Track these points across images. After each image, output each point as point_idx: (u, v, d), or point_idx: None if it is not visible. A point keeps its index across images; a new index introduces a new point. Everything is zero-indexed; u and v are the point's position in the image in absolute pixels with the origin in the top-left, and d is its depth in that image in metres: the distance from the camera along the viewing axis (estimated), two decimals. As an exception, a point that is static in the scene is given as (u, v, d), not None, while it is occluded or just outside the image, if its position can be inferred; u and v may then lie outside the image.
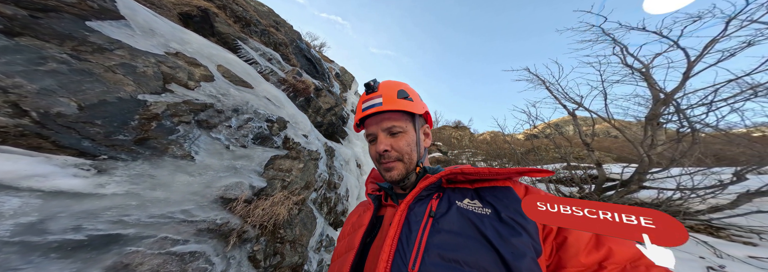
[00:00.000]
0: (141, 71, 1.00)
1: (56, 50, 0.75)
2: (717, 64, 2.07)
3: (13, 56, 0.65)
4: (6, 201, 0.51)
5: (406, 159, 0.39)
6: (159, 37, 1.26)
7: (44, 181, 0.58)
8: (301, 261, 1.35)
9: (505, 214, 0.30)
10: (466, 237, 0.28)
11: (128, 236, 0.65)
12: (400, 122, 0.41)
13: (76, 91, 0.75)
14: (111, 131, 0.79)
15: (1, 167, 0.54)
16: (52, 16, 0.80)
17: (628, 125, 3.25)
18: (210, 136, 1.18)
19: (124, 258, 0.62)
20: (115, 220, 0.64)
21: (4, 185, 0.53)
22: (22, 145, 0.61)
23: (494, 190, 0.34)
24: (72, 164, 0.66)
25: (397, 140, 0.40)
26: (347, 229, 0.43)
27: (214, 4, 2.56)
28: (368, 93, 0.42)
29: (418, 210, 0.33)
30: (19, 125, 0.61)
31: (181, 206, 0.82)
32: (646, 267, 0.24)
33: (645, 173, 2.23)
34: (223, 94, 1.40)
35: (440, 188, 0.36)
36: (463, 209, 0.32)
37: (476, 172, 0.34)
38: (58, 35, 0.79)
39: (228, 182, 1.07)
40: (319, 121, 3.05)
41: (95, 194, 0.65)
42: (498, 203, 0.31)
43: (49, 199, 0.57)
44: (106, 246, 0.60)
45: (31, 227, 0.51)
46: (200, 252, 0.79)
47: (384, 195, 0.43)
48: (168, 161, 0.91)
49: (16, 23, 0.70)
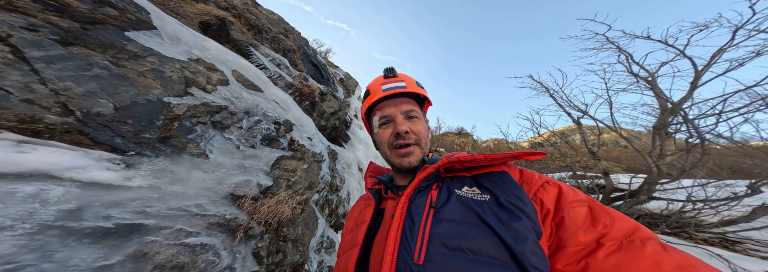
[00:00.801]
0: (167, 75, 1.10)
1: (100, 57, 0.86)
2: (725, 74, 2.01)
3: (66, 63, 0.75)
4: (52, 189, 0.58)
5: (422, 144, 0.40)
6: (183, 45, 1.38)
7: (83, 173, 0.65)
8: (302, 260, 1.37)
9: (504, 199, 0.30)
10: (467, 224, 0.28)
11: (149, 226, 0.70)
12: (417, 109, 0.42)
13: (113, 93, 0.84)
14: (139, 129, 0.87)
15: (48, 159, 0.61)
16: (98, 27, 0.91)
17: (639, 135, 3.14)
18: (223, 136, 1.26)
19: (144, 246, 0.67)
20: (139, 211, 0.70)
21: (51, 176, 0.60)
22: (66, 140, 0.69)
23: (491, 175, 0.34)
24: (105, 159, 0.73)
25: (414, 124, 0.40)
26: (350, 225, 0.44)
27: (231, 14, 2.75)
28: (388, 77, 0.43)
29: (418, 202, 0.33)
30: (65, 123, 0.69)
31: (195, 200, 0.88)
32: (641, 241, 0.24)
33: (654, 183, 2.17)
34: (237, 97, 1.50)
35: (439, 178, 0.36)
36: (463, 197, 0.32)
37: (472, 159, 0.34)
38: (102, 44, 0.89)
39: (238, 179, 1.13)
40: (323, 125, 3.13)
41: (123, 186, 0.72)
42: (495, 188, 0.32)
43: (86, 189, 0.64)
44: (129, 234, 0.66)
45: (70, 213, 0.58)
46: (210, 245, 0.83)
47: (384, 188, 0.43)
48: (186, 159, 0.98)
49: (70, 34, 0.80)
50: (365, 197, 0.47)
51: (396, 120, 0.40)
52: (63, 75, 0.72)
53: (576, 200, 0.29)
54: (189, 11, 2.09)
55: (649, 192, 2.21)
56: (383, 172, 0.51)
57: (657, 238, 0.25)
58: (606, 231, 0.26)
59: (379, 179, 0.45)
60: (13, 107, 0.61)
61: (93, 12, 0.90)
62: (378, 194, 0.42)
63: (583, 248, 0.25)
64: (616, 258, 0.23)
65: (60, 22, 0.79)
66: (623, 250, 0.24)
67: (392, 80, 0.42)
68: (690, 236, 1.94)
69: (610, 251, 0.24)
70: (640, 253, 0.23)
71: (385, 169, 0.52)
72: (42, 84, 0.67)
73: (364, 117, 0.48)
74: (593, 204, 0.29)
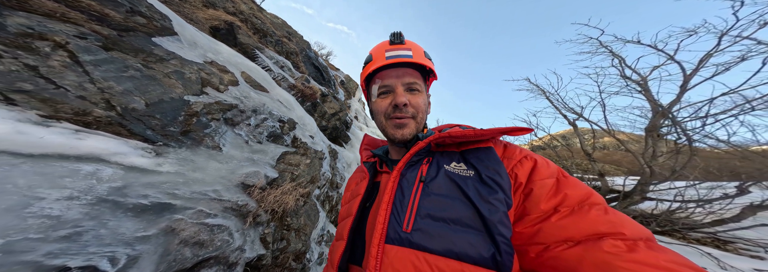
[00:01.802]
0: (187, 76, 1.23)
1: (133, 61, 0.98)
2: (712, 78, 2.11)
3: (109, 65, 0.87)
4: (103, 170, 0.69)
5: (418, 119, 0.39)
6: (199, 49, 1.51)
7: (124, 158, 0.77)
8: (304, 248, 1.47)
9: (485, 175, 0.32)
10: (452, 198, 0.31)
11: (176, 206, 0.82)
12: (420, 81, 0.40)
13: (144, 92, 0.96)
14: (165, 123, 0.99)
15: (100, 145, 0.73)
16: (130, 34, 1.04)
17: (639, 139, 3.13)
18: (234, 132, 1.38)
19: (173, 223, 0.78)
20: (169, 192, 0.82)
21: (102, 159, 0.71)
22: (110, 131, 0.81)
23: (478, 151, 0.35)
24: (140, 148, 0.85)
25: (415, 97, 0.38)
26: (347, 196, 0.46)
27: (238, 18, 2.90)
28: (394, 43, 0.39)
29: (409, 176, 0.35)
30: (109, 116, 0.81)
31: (212, 186, 1.00)
32: (589, 206, 0.26)
33: (647, 184, 2.22)
34: (245, 96, 1.62)
35: (430, 153, 0.37)
36: (450, 172, 0.34)
37: (462, 134, 0.35)
38: (134, 49, 1.02)
39: (247, 170, 1.25)
40: (324, 125, 3.25)
41: (156, 171, 0.83)
42: (480, 164, 0.33)
43: (128, 172, 0.75)
44: (161, 212, 0.77)
45: (118, 190, 0.69)
46: (225, 226, 0.94)
47: (379, 162, 0.44)
48: (203, 150, 1.10)
49: (109, 41, 0.93)
50: (361, 169, 0.47)
51: (396, 91, 0.39)
52: (107, 76, 0.85)
53: (547, 174, 0.31)
54: (201, 17, 2.23)
55: (643, 193, 2.26)
56: (378, 145, 0.51)
57: (604, 203, 0.27)
58: (564, 198, 0.28)
59: (374, 152, 0.46)
60: (71, 102, 0.73)
61: (126, 21, 1.03)
62: (373, 167, 0.43)
63: (542, 214, 0.28)
64: (565, 221, 0.26)
65: (101, 30, 0.92)
66: (573, 214, 0.26)
67: (398, 47, 0.39)
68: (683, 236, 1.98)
69: (563, 215, 0.26)
70: (585, 216, 0.25)
71: (380, 141, 0.52)
72: (92, 83, 0.79)
73: (362, 84, 0.45)
74: (560, 176, 0.31)
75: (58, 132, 0.66)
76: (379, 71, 0.41)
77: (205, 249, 0.81)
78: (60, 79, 0.72)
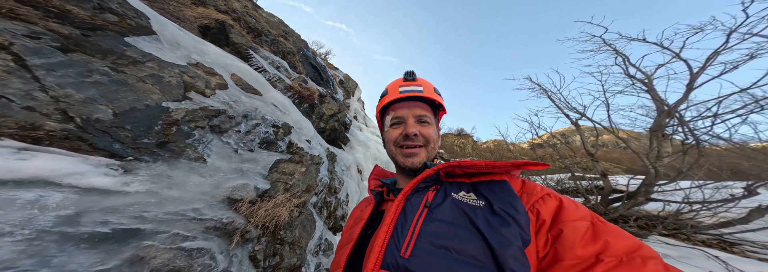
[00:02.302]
0: (166, 80, 1.11)
1: (100, 64, 0.87)
2: (720, 77, 2.03)
3: (66, 70, 0.76)
4: (50, 196, 0.59)
5: (429, 148, 0.41)
6: (183, 50, 1.39)
7: (81, 179, 0.66)
8: (299, 263, 1.38)
9: (498, 206, 0.30)
10: (457, 226, 0.29)
11: (145, 231, 0.71)
12: (430, 114, 0.43)
13: (112, 99, 0.85)
14: (138, 135, 0.88)
15: (48, 165, 0.62)
16: (98, 33, 0.93)
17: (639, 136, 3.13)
18: (221, 140, 1.27)
19: (141, 251, 0.68)
20: (136, 216, 0.71)
21: (50, 182, 0.61)
22: (66, 146, 0.70)
23: (490, 183, 0.34)
24: (104, 164, 0.74)
25: (425, 128, 0.41)
26: (350, 223, 0.46)
27: (231, 17, 2.77)
28: (407, 80, 0.44)
29: (414, 201, 0.34)
30: (65, 130, 0.71)
31: (192, 204, 0.89)
32: (642, 259, 0.24)
33: (652, 185, 2.16)
34: (235, 101, 1.51)
35: (438, 182, 0.37)
36: (458, 200, 0.33)
37: (473, 165, 0.34)
38: (102, 51, 0.91)
39: (235, 183, 1.14)
40: (322, 127, 3.15)
41: (121, 191, 0.73)
42: (492, 195, 0.32)
43: (84, 195, 0.65)
44: (126, 239, 0.67)
45: (68, 219, 0.59)
46: (206, 249, 0.84)
47: (386, 191, 0.44)
48: (183, 163, 0.99)
49: (70, 41, 0.82)
50: (367, 198, 0.48)
51: (407, 122, 0.42)
52: (63, 82, 0.74)
53: (579, 216, 0.29)
54: (189, 15, 2.11)
55: (647, 194, 2.21)
56: (387, 175, 0.52)
57: (659, 258, 0.25)
58: (606, 246, 0.26)
59: (382, 181, 0.46)
60: (15, 115, 0.62)
61: (93, 18, 0.91)
62: (380, 195, 0.43)
63: (580, 262, 0.25)
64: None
65: (61, 29, 0.80)
66: (622, 267, 0.23)
67: (411, 83, 0.44)
68: (688, 238, 1.94)
69: (608, 267, 0.24)
70: (640, 271, 0.23)
71: (390, 173, 0.53)
72: (43, 91, 0.68)
73: (378, 116, 0.49)
74: (596, 220, 0.29)
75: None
76: (392, 104, 0.45)
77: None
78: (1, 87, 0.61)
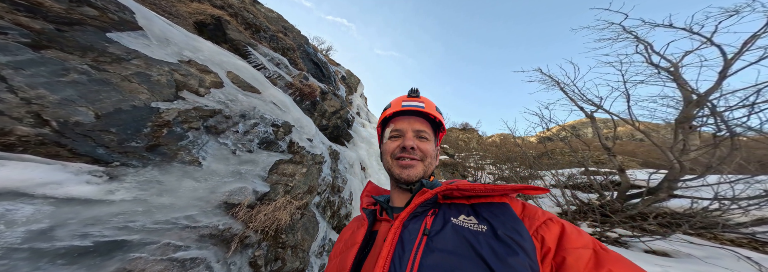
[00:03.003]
0: (155, 79, 1.04)
1: (78, 62, 0.80)
2: (758, 62, 1.86)
3: (38, 69, 0.70)
4: (20, 209, 0.54)
5: (426, 163, 0.41)
6: (173, 46, 1.32)
7: (58, 188, 0.61)
8: (302, 266, 1.34)
9: (502, 232, 0.30)
10: (460, 256, 0.28)
11: (132, 242, 0.66)
12: (429, 132, 0.44)
13: (94, 100, 0.79)
14: (124, 138, 0.82)
15: (18, 175, 0.57)
16: (76, 29, 0.85)
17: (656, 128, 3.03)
18: (217, 141, 1.21)
19: (128, 264, 0.63)
20: (121, 226, 0.66)
21: (20, 193, 0.55)
22: (41, 153, 0.65)
23: (491, 206, 0.34)
24: (86, 172, 0.69)
25: (423, 143, 0.42)
26: (340, 247, 0.42)
27: (227, 13, 2.68)
28: (411, 96, 0.46)
29: (412, 228, 0.33)
30: (40, 135, 0.65)
31: (185, 211, 0.84)
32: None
33: (676, 180, 2.02)
34: (232, 100, 1.44)
35: (436, 204, 0.36)
36: (458, 226, 0.32)
37: (472, 188, 0.34)
38: (81, 47, 0.84)
39: (232, 187, 1.08)
40: (325, 124, 3.08)
41: (105, 200, 0.67)
42: (494, 219, 0.32)
43: (61, 206, 0.59)
44: (110, 252, 0.62)
45: (41, 234, 0.53)
46: (201, 258, 0.79)
47: (379, 209, 0.43)
48: (176, 167, 0.94)
49: (43, 37, 0.75)
50: (359, 218, 0.46)
51: (406, 135, 0.42)
52: (35, 82, 0.67)
53: (581, 243, 0.29)
54: (183, 11, 2.03)
55: (670, 190, 2.05)
56: (381, 192, 0.51)
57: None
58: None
59: (375, 199, 0.44)
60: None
61: (70, 12, 0.84)
62: (372, 214, 0.42)
63: None
64: None
65: (31, 23, 0.73)
66: None
67: (413, 100, 0.45)
68: (715, 236, 1.84)
69: None
70: None
71: (383, 190, 0.52)
72: (11, 93, 0.62)
73: (378, 127, 0.50)
74: (598, 248, 0.29)
75: None
76: (393, 117, 0.46)
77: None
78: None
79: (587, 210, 2.46)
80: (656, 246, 1.76)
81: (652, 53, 2.47)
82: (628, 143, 7.51)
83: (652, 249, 1.76)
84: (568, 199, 2.65)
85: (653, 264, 1.45)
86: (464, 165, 6.21)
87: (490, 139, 13.02)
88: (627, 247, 1.86)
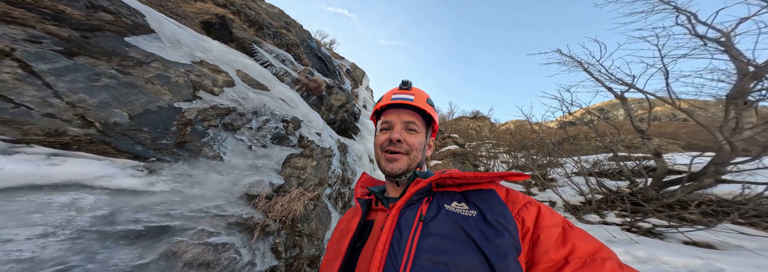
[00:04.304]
0: (174, 80, 1.11)
1: (106, 67, 0.87)
2: None
3: (74, 75, 0.77)
4: (84, 198, 0.63)
5: (412, 156, 0.42)
6: (185, 47, 1.37)
7: (110, 180, 0.70)
8: (317, 253, 1.47)
9: (490, 216, 0.32)
10: (453, 240, 0.30)
11: (175, 227, 0.76)
12: (419, 123, 0.44)
13: (125, 102, 0.86)
14: (156, 136, 0.90)
15: (78, 170, 0.66)
16: (97, 34, 0.91)
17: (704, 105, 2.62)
18: (235, 138, 1.29)
19: (173, 246, 0.73)
20: (164, 214, 0.76)
21: (82, 185, 0.65)
22: (92, 151, 0.74)
23: (479, 193, 0.37)
24: (130, 166, 0.78)
25: (410, 136, 0.43)
26: (336, 236, 0.44)
27: (229, 10, 2.67)
28: (402, 89, 0.46)
29: (408, 215, 0.34)
30: (88, 134, 0.73)
31: (214, 201, 0.93)
32: (602, 259, 0.27)
33: (724, 163, 1.74)
34: (243, 98, 1.50)
35: (430, 193, 0.38)
36: (451, 212, 0.34)
37: (462, 176, 0.37)
38: (106, 52, 0.90)
39: (251, 180, 1.17)
40: (332, 118, 3.12)
41: (148, 191, 0.77)
42: (483, 205, 0.34)
43: (115, 196, 0.69)
44: (158, 235, 0.72)
45: (103, 219, 0.63)
46: (230, 244, 0.89)
47: (374, 200, 0.44)
48: (202, 162, 1.03)
49: (73, 44, 0.81)
50: (353, 208, 0.47)
51: (394, 128, 0.43)
52: (75, 87, 0.75)
53: (553, 222, 0.32)
54: (189, 11, 2.06)
55: (717, 174, 1.81)
56: (375, 183, 0.52)
57: (616, 258, 0.28)
58: (573, 249, 0.29)
59: (370, 189, 0.46)
60: (37, 122, 0.65)
61: (88, 18, 0.89)
62: (367, 204, 0.43)
63: (553, 265, 0.28)
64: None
65: (59, 31, 0.79)
66: (586, 267, 0.27)
67: (404, 92, 0.45)
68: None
69: (574, 268, 0.27)
70: (600, 270, 0.26)
71: (378, 181, 0.53)
72: (57, 98, 0.70)
73: (373, 118, 0.51)
74: (566, 226, 0.32)
75: (25, 159, 0.59)
76: (385, 110, 0.47)
77: (212, 270, 0.77)
78: (17, 96, 0.63)
79: (615, 198, 2.25)
80: (698, 237, 1.59)
81: (697, 23, 2.15)
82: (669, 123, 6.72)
83: (692, 240, 1.59)
84: (592, 187, 2.46)
85: (693, 256, 1.29)
86: (475, 154, 5.95)
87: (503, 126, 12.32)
88: (662, 238, 1.69)
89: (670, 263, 1.28)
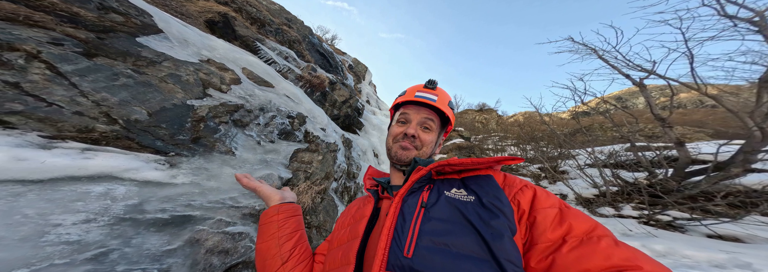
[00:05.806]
0: (185, 79, 1.15)
1: (123, 67, 0.91)
2: None
3: (96, 75, 0.81)
4: (116, 189, 0.69)
5: (421, 152, 0.46)
6: (192, 46, 1.40)
7: (137, 173, 0.76)
8: (328, 241, 1.54)
9: (487, 200, 0.34)
10: (452, 223, 0.32)
11: (196, 217, 0.82)
12: (436, 123, 0.47)
13: (143, 100, 0.91)
14: (173, 132, 0.96)
15: (108, 163, 0.72)
16: (111, 36, 0.95)
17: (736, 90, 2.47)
18: (244, 133, 1.34)
19: (195, 234, 0.79)
20: (186, 204, 0.82)
21: (114, 177, 0.71)
22: (119, 146, 0.79)
23: (477, 178, 0.38)
24: (153, 160, 0.84)
25: (424, 133, 0.46)
26: (348, 220, 0.46)
27: (231, 8, 2.67)
28: (427, 88, 0.48)
29: (411, 201, 0.36)
30: (114, 131, 0.79)
31: (228, 194, 0.99)
32: (598, 237, 0.28)
33: (755, 152, 1.63)
34: (250, 95, 1.54)
35: (431, 180, 0.40)
36: (451, 198, 0.36)
37: (460, 163, 0.38)
38: (121, 53, 0.94)
39: (262, 173, 1.23)
40: (336, 114, 3.15)
41: (171, 183, 0.83)
42: (480, 190, 0.36)
43: (142, 187, 0.75)
44: (182, 224, 0.78)
45: (135, 207, 0.69)
46: (245, 233, 0.96)
47: (381, 189, 0.48)
48: (216, 156, 1.08)
49: (90, 45, 0.85)
50: (364, 197, 0.51)
51: (411, 123, 0.46)
52: (97, 86, 0.79)
53: (549, 204, 0.33)
54: (192, 10, 2.08)
55: (746, 163, 1.69)
56: (381, 175, 0.55)
57: (612, 235, 0.29)
58: (570, 229, 0.30)
59: (377, 180, 0.50)
60: (69, 120, 0.70)
61: (101, 19, 0.92)
62: (376, 194, 0.46)
63: (551, 244, 0.29)
64: (577, 252, 0.27)
65: (77, 33, 0.83)
66: (583, 245, 0.28)
67: (428, 91, 0.47)
68: None
69: (572, 246, 0.28)
70: (596, 247, 0.27)
71: (383, 173, 0.56)
72: (83, 97, 0.75)
73: (391, 110, 0.54)
74: (563, 207, 0.33)
75: (63, 153, 0.65)
76: (405, 104, 0.49)
77: (230, 257, 0.83)
78: (49, 95, 0.68)
79: (631, 190, 2.15)
80: (723, 230, 1.50)
81: (727, 3, 1.97)
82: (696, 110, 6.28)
83: (717, 233, 1.51)
84: (607, 179, 2.35)
85: (718, 250, 1.21)
86: (482, 148, 5.72)
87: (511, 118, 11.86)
88: (683, 231, 1.60)
89: (692, 257, 1.21)
